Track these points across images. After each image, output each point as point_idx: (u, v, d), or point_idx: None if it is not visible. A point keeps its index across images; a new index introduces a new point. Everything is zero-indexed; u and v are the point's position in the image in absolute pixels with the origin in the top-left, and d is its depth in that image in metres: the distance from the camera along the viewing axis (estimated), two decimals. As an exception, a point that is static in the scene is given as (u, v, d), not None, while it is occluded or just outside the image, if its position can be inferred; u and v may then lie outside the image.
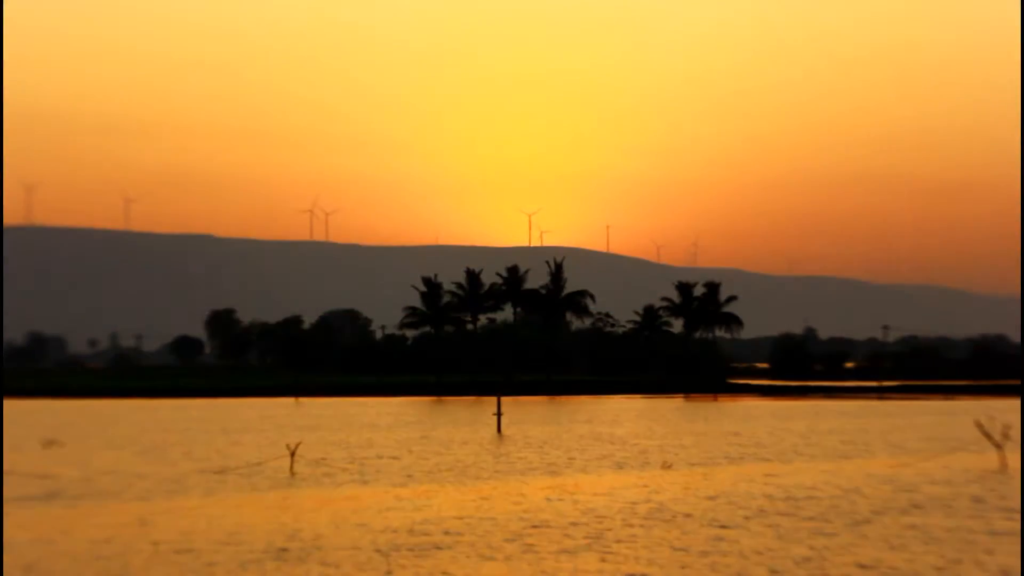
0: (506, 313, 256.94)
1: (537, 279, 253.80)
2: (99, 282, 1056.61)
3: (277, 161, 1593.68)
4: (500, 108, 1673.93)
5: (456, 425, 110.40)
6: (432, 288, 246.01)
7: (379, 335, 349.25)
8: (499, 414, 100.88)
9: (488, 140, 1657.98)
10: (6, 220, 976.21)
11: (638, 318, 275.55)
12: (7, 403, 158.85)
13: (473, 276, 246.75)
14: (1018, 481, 55.52)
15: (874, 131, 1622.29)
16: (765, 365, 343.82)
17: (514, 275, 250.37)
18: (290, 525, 41.96)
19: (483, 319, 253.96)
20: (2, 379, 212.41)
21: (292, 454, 66.23)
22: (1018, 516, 43.71)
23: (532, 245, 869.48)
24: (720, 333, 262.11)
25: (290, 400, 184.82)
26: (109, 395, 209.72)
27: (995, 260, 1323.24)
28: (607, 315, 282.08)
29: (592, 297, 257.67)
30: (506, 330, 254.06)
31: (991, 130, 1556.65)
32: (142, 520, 43.70)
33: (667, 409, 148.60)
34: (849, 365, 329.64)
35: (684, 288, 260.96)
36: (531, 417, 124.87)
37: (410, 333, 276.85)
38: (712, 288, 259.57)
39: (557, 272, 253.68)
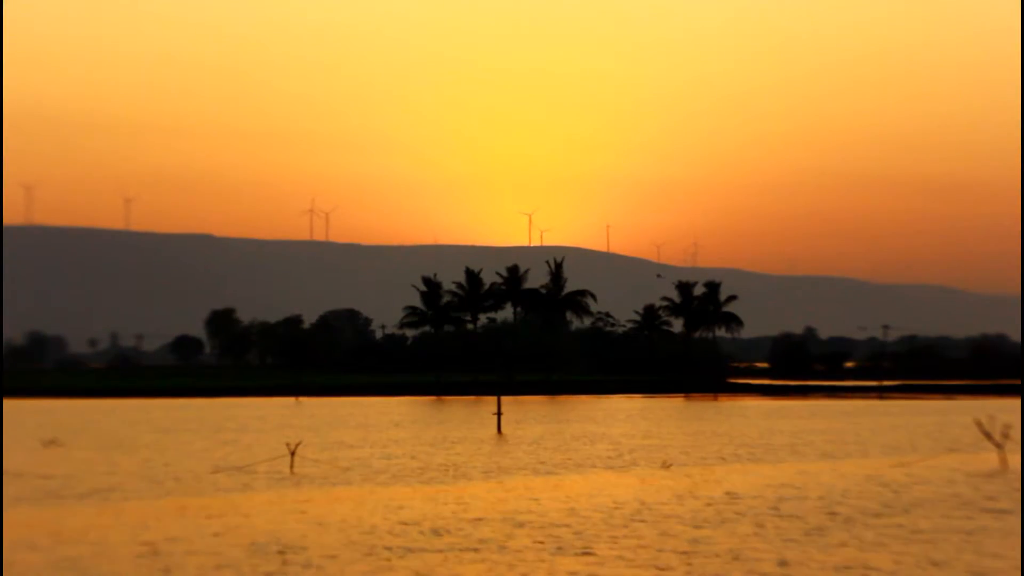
0: (506, 313, 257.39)
1: (537, 279, 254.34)
2: (99, 282, 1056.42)
3: (277, 161, 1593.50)
4: (499, 108, 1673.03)
5: (454, 425, 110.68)
6: (432, 288, 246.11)
7: (379, 335, 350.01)
8: (499, 414, 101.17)
9: (488, 140, 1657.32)
10: (6, 220, 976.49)
11: (638, 318, 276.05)
12: (7, 403, 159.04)
13: (473, 276, 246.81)
14: (1018, 481, 55.65)
15: (874, 131, 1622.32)
16: (765, 365, 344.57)
17: (514, 275, 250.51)
18: (275, 525, 41.95)
19: (483, 319, 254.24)
20: (2, 379, 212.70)
21: (292, 453, 66.54)
22: (1009, 516, 43.78)
23: (532, 245, 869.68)
24: (720, 333, 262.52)
25: (290, 400, 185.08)
26: (109, 395, 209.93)
27: (995, 260, 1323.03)
28: (607, 315, 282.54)
29: (592, 297, 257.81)
30: (506, 330, 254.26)
31: (991, 130, 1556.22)
32: (136, 520, 43.81)
33: (666, 409, 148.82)
34: (849, 365, 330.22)
35: (684, 288, 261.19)
36: (531, 416, 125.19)
37: (410, 333, 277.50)
38: (712, 288, 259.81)
39: (557, 272, 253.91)
